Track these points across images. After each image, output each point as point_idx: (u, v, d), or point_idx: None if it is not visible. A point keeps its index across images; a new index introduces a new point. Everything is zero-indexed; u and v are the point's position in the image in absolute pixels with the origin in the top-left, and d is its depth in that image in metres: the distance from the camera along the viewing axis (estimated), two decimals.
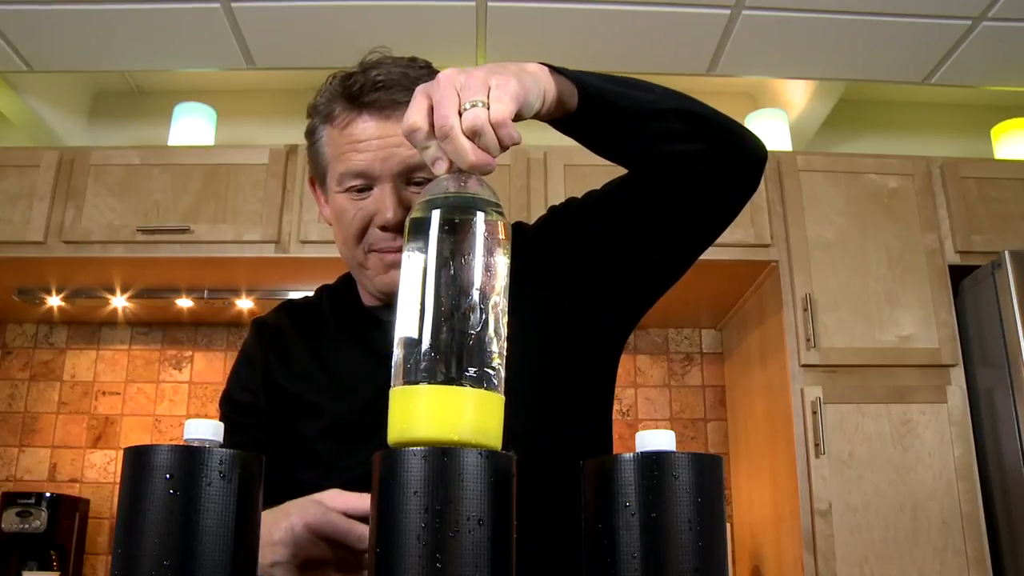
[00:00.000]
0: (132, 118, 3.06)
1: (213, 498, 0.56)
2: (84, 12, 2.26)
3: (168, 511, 0.55)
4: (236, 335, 2.89)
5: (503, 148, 0.65)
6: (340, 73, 0.98)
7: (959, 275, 2.41)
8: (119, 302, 2.66)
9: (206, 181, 2.48)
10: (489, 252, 0.61)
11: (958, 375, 2.31)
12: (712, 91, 3.04)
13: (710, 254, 0.98)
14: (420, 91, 0.68)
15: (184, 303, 2.65)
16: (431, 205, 0.62)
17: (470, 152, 0.63)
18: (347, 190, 0.96)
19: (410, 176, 0.95)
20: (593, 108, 0.80)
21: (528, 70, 0.74)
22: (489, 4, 2.26)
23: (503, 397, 0.60)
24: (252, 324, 1.13)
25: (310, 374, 1.04)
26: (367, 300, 1.06)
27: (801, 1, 2.24)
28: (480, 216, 0.62)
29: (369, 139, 0.94)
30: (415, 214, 0.63)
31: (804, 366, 2.29)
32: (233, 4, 2.25)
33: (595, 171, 2.48)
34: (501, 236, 0.62)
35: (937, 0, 2.23)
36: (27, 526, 2.40)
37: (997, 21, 2.30)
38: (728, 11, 2.28)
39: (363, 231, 0.96)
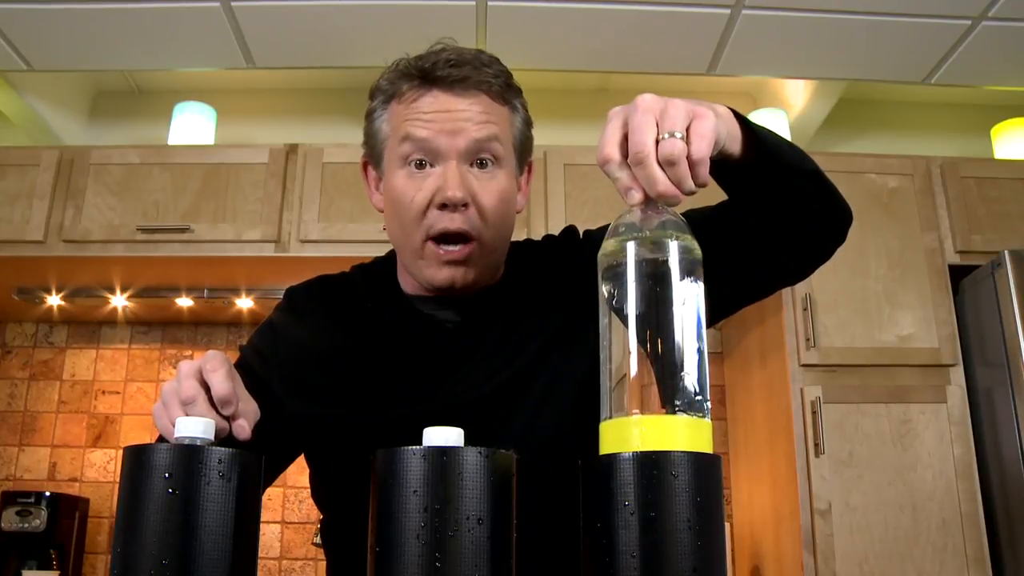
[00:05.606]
0: (132, 118, 3.06)
1: (212, 498, 0.56)
2: (84, 12, 2.26)
3: (167, 510, 0.55)
4: (236, 334, 2.88)
5: (697, 185, 0.64)
6: (404, 58, 0.97)
7: (959, 275, 2.41)
8: (119, 301, 2.65)
9: (206, 181, 2.48)
10: (687, 284, 0.61)
11: (958, 375, 2.31)
12: (712, 91, 3.04)
13: None
14: (616, 114, 0.67)
15: (184, 302, 2.65)
16: (628, 239, 0.62)
17: (661, 181, 0.63)
18: (408, 164, 0.93)
19: (475, 156, 0.93)
20: (765, 161, 0.82)
21: (719, 112, 0.74)
22: (489, 4, 2.26)
23: (711, 423, 0.60)
24: (286, 294, 1.08)
25: (334, 359, 0.99)
26: (408, 287, 1.02)
27: (801, 1, 2.24)
28: (675, 247, 0.62)
29: (437, 112, 0.92)
30: (611, 248, 0.63)
31: (804, 366, 2.29)
32: (233, 4, 2.25)
33: (594, 170, 2.50)
34: (695, 266, 0.62)
35: (937, 0, 2.23)
36: (27, 525, 2.40)
37: (997, 21, 2.30)
38: (728, 11, 2.28)
39: (424, 212, 0.92)
